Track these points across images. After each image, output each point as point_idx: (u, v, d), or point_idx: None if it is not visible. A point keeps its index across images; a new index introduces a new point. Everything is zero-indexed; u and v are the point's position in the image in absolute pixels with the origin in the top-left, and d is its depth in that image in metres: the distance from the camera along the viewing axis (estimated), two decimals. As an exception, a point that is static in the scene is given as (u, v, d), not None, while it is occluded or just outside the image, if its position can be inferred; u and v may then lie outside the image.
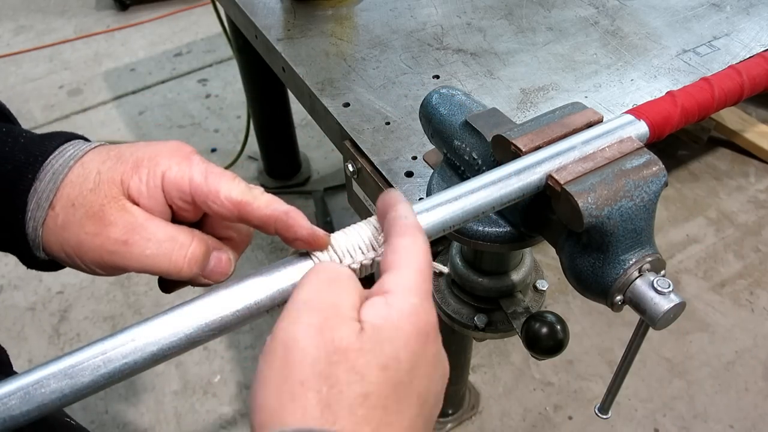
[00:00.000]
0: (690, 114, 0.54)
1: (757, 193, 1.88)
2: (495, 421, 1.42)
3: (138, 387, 1.52)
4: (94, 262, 0.40)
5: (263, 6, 1.06)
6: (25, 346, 1.61)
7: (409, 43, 0.97)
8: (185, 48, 2.56)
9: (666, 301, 0.44)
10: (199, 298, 0.37)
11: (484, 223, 0.55)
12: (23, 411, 0.33)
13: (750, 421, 1.40)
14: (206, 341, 0.37)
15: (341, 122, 0.84)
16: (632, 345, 0.50)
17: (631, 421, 1.42)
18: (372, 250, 0.39)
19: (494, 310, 0.70)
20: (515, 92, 0.87)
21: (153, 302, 1.68)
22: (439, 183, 0.60)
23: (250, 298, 0.37)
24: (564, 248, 0.49)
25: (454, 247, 0.71)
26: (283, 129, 1.81)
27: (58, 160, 0.42)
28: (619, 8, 1.02)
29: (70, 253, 0.41)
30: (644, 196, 0.45)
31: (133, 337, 0.35)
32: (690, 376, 1.48)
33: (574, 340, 1.54)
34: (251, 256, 1.77)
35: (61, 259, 0.42)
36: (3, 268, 1.79)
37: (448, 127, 0.58)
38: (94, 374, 0.34)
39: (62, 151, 0.42)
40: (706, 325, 1.57)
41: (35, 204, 0.41)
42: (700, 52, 0.92)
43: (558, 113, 0.51)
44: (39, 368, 0.34)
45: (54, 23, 2.75)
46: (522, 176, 0.45)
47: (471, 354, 1.24)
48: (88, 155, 0.42)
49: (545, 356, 0.62)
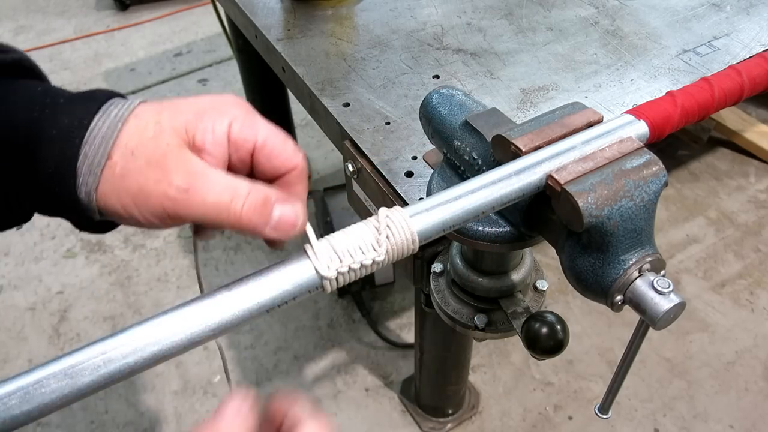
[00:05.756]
0: (690, 114, 0.54)
1: (757, 193, 1.88)
2: (495, 421, 1.42)
3: (138, 387, 1.52)
4: (153, 212, 0.40)
5: (263, 6, 1.06)
6: (25, 346, 1.61)
7: (409, 43, 0.97)
8: (185, 48, 2.56)
9: (666, 301, 0.44)
10: (199, 299, 0.37)
11: (484, 223, 0.55)
12: (23, 411, 0.33)
13: (750, 421, 1.40)
14: (206, 341, 0.37)
15: (341, 122, 0.84)
16: (632, 345, 0.50)
17: (631, 421, 1.42)
18: (372, 250, 0.39)
19: (494, 310, 0.70)
20: (515, 92, 0.87)
21: (153, 302, 1.68)
22: (439, 183, 0.60)
23: (250, 298, 0.37)
24: (564, 248, 0.49)
25: (454, 247, 0.71)
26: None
27: (105, 121, 0.41)
28: (619, 8, 1.02)
29: (127, 203, 0.40)
30: (644, 196, 0.45)
31: (133, 337, 0.35)
32: (690, 376, 1.48)
33: (574, 340, 1.54)
34: (251, 256, 1.77)
35: (116, 213, 0.41)
36: (3, 268, 1.79)
37: (448, 127, 0.58)
38: (95, 374, 0.34)
39: (106, 111, 0.41)
40: (706, 325, 1.57)
41: (86, 169, 0.40)
42: (700, 52, 0.92)
43: (558, 113, 0.51)
44: (39, 368, 0.34)
45: (54, 23, 2.75)
46: (522, 176, 0.44)
47: (471, 354, 1.24)
48: (140, 107, 0.42)
49: (545, 356, 0.62)
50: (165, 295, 1.69)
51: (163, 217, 0.40)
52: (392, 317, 1.62)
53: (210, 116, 0.41)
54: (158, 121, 0.41)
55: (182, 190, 0.39)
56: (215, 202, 0.39)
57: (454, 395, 1.36)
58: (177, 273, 1.75)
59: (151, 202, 0.39)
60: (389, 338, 1.56)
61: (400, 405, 1.44)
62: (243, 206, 0.40)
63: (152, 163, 0.39)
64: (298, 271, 0.38)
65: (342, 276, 0.39)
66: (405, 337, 1.58)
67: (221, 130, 0.41)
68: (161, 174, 0.39)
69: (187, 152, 0.40)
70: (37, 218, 0.44)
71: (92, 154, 0.40)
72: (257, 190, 0.41)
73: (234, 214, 0.40)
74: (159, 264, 1.78)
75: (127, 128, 0.40)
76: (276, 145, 0.42)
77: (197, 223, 0.40)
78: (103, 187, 0.40)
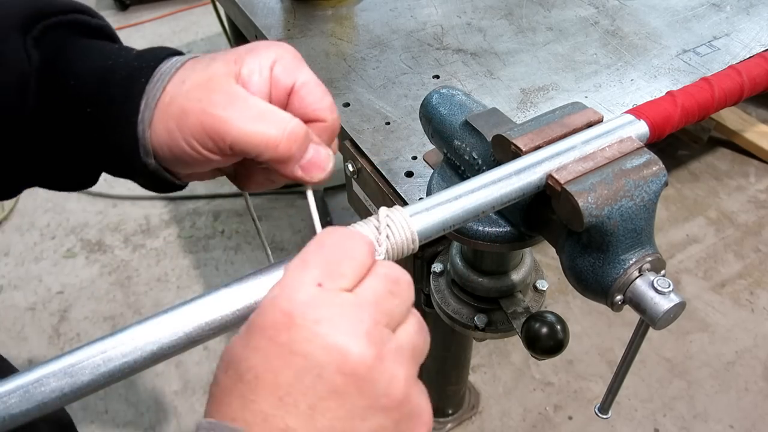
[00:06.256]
0: (690, 114, 0.54)
1: (757, 193, 1.88)
2: (495, 421, 1.42)
3: (138, 387, 1.52)
4: (193, 133, 0.40)
5: (263, 6, 1.06)
6: (25, 346, 1.61)
7: (409, 43, 0.97)
8: (185, 48, 2.56)
9: (666, 301, 0.44)
10: (199, 298, 0.37)
11: (484, 223, 0.55)
12: (23, 410, 0.33)
13: (750, 421, 1.40)
14: (206, 340, 0.37)
15: (341, 122, 0.84)
16: (632, 345, 0.50)
17: (631, 421, 1.42)
18: (372, 249, 0.39)
19: (494, 310, 0.70)
20: (515, 92, 0.87)
21: (153, 302, 1.68)
22: (439, 183, 0.60)
23: (250, 297, 0.37)
24: (564, 248, 0.49)
25: (454, 247, 0.71)
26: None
27: (167, 65, 0.43)
28: (619, 8, 1.02)
29: (171, 128, 0.41)
30: (644, 196, 0.45)
31: (133, 336, 0.35)
32: (690, 376, 1.48)
33: (574, 340, 1.54)
34: (251, 256, 1.77)
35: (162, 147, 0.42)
36: (3, 268, 1.79)
37: (448, 127, 0.58)
38: (94, 373, 0.34)
39: (170, 59, 0.44)
40: (706, 325, 1.57)
41: (144, 105, 0.41)
42: (700, 52, 0.92)
43: (558, 113, 0.51)
44: (39, 367, 0.34)
45: (54, 23, 2.75)
46: (522, 176, 0.44)
47: (471, 354, 1.24)
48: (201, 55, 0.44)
49: (545, 356, 0.62)
50: (165, 295, 1.69)
51: (202, 138, 0.40)
52: (392, 317, 1.62)
53: (258, 53, 0.42)
54: (213, 57, 0.43)
55: (222, 106, 0.40)
56: (254, 121, 0.40)
57: (454, 395, 1.36)
58: (177, 273, 1.75)
59: (192, 121, 0.40)
60: (389, 338, 1.56)
61: (400, 405, 1.44)
62: (285, 132, 0.40)
63: (197, 86, 0.41)
64: (298, 271, 0.38)
65: (342, 275, 0.39)
66: (405, 337, 1.58)
67: (266, 65, 0.42)
68: (204, 93, 0.40)
69: (232, 80, 0.41)
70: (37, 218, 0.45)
71: (150, 90, 0.42)
72: (299, 122, 0.41)
73: (274, 139, 0.40)
74: (159, 264, 1.78)
75: (184, 67, 0.43)
76: (312, 91, 0.43)
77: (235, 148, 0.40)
78: (155, 118, 0.42)
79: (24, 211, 1.92)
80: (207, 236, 1.84)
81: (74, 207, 1.93)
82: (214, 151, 0.41)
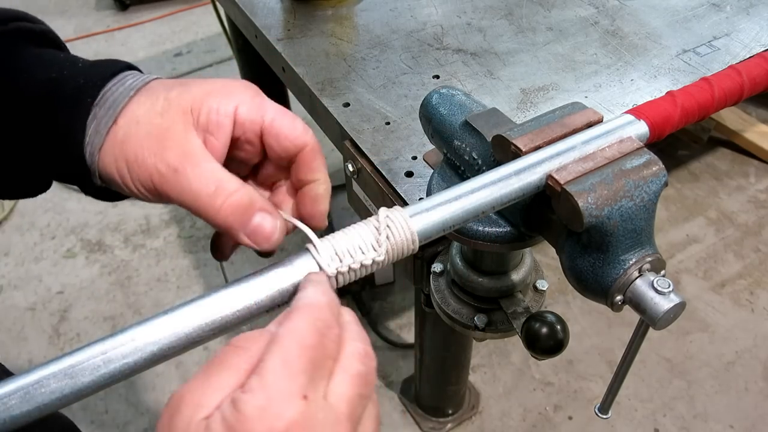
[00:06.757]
0: (690, 114, 0.54)
1: (757, 193, 1.88)
2: (495, 421, 1.42)
3: (138, 387, 1.52)
4: (142, 182, 0.40)
5: (263, 6, 1.06)
6: (25, 346, 1.61)
7: (409, 43, 0.97)
8: (185, 48, 2.56)
9: (666, 301, 0.44)
10: (199, 298, 0.37)
11: (484, 223, 0.55)
12: (23, 411, 0.33)
13: (750, 421, 1.40)
14: (206, 341, 0.37)
15: (341, 122, 0.84)
16: (632, 345, 0.50)
17: (631, 421, 1.42)
18: (372, 250, 0.39)
19: (494, 310, 0.70)
20: (515, 92, 0.87)
21: (153, 302, 1.68)
22: (439, 183, 0.60)
23: (250, 298, 0.37)
24: (564, 248, 0.49)
25: (454, 247, 0.71)
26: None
27: (119, 88, 0.42)
28: (619, 8, 1.02)
29: (122, 168, 0.41)
30: (644, 196, 0.45)
31: (133, 337, 0.35)
32: (690, 376, 1.48)
33: (574, 340, 1.54)
34: (251, 257, 1.77)
35: (112, 177, 0.42)
36: (3, 268, 1.79)
37: (448, 127, 0.58)
38: (94, 374, 0.34)
39: (122, 78, 0.43)
40: (706, 325, 1.57)
41: (94, 130, 0.41)
42: (700, 52, 0.92)
43: (558, 113, 0.51)
44: (39, 368, 0.34)
45: (54, 23, 2.72)
46: (522, 176, 0.44)
47: (471, 354, 1.24)
48: (154, 82, 0.43)
49: (545, 356, 0.62)
50: (165, 295, 1.69)
51: (150, 190, 0.41)
52: (392, 317, 1.62)
53: (217, 97, 0.42)
54: (167, 97, 0.42)
55: (172, 168, 0.39)
56: (198, 189, 0.39)
57: (454, 395, 1.36)
58: (177, 273, 1.75)
59: (142, 172, 0.40)
60: (389, 338, 1.56)
61: (400, 405, 1.44)
62: (224, 202, 0.40)
63: (153, 136, 0.40)
64: (298, 271, 0.38)
65: (342, 276, 0.39)
66: (405, 337, 1.58)
67: (226, 111, 0.41)
68: (158, 148, 0.40)
69: (191, 133, 0.41)
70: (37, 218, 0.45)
71: (101, 115, 0.41)
72: (245, 192, 0.40)
73: (212, 208, 0.40)
74: (159, 264, 1.78)
75: (137, 98, 0.42)
76: (284, 125, 0.42)
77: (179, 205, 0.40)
78: (105, 148, 0.41)
79: (24, 211, 1.92)
80: (207, 236, 1.84)
81: (74, 207, 1.93)
82: (161, 200, 0.41)
